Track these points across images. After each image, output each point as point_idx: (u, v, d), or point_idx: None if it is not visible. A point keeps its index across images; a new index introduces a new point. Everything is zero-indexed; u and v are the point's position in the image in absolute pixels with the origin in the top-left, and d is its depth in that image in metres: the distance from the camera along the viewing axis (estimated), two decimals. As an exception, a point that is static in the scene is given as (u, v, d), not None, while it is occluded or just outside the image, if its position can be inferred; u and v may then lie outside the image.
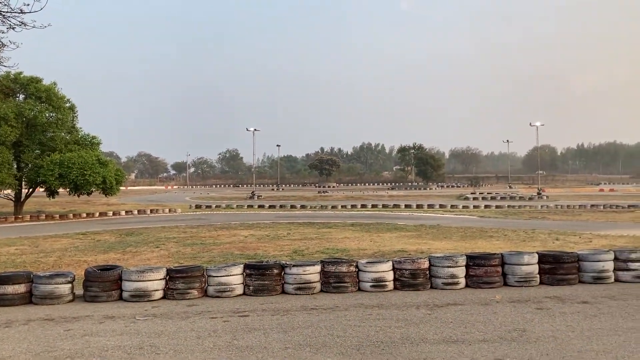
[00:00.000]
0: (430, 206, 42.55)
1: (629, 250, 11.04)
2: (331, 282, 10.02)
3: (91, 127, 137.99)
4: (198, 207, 44.41)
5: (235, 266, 10.12)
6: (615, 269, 10.70)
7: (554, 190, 74.17)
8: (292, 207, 43.61)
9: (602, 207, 39.55)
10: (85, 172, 33.05)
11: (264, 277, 9.88)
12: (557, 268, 10.43)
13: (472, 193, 64.36)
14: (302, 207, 43.53)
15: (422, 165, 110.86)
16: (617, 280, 10.64)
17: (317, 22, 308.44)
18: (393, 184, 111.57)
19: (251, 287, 9.90)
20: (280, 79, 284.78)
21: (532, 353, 6.31)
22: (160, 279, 9.79)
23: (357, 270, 10.17)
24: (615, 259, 10.73)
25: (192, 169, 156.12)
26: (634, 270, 10.65)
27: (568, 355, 6.23)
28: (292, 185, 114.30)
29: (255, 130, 70.83)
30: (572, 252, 10.96)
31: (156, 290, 9.70)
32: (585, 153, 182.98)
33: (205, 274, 10.01)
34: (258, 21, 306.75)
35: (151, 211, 38.88)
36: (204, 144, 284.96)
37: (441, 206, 42.60)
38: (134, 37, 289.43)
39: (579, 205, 41.10)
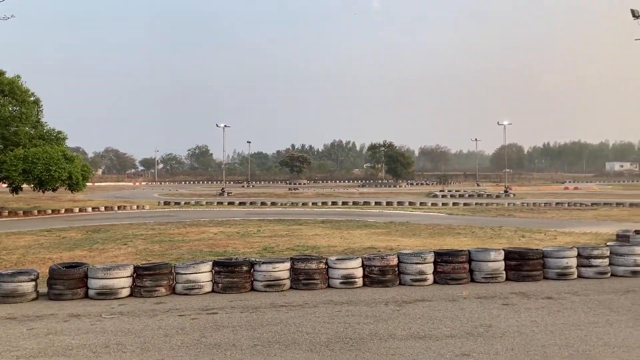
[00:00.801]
0: (400, 203, 42.88)
1: (592, 247, 11.33)
2: (301, 279, 10.02)
3: (57, 121, 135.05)
4: (167, 203, 43.83)
5: (204, 263, 10.04)
6: (578, 266, 10.97)
7: (521, 188, 75.54)
8: (263, 204, 43.40)
9: (566, 204, 40.48)
10: (50, 167, 32.25)
11: (233, 274, 9.83)
12: (522, 264, 10.65)
13: (440, 191, 65.11)
14: (273, 204, 43.38)
15: (392, 163, 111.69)
16: (580, 276, 10.91)
17: (290, 19, 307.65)
18: (363, 181, 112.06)
19: (220, 285, 9.84)
20: (251, 75, 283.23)
21: (497, 348, 6.43)
22: (127, 277, 9.65)
23: (326, 267, 10.19)
24: (579, 256, 11.00)
25: (160, 165, 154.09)
26: (596, 266, 10.95)
27: (532, 350, 6.36)
28: (262, 182, 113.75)
29: (225, 126, 70.28)
30: (537, 249, 11.20)
31: (123, 287, 9.56)
32: (551, 152, 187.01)
33: (173, 271, 9.91)
34: (231, 18, 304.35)
35: (118, 208, 38.22)
36: (173, 140, 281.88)
37: (410, 203, 42.98)
38: (100, 30, 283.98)
39: (545, 203, 41.95)
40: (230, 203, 44.85)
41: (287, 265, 10.10)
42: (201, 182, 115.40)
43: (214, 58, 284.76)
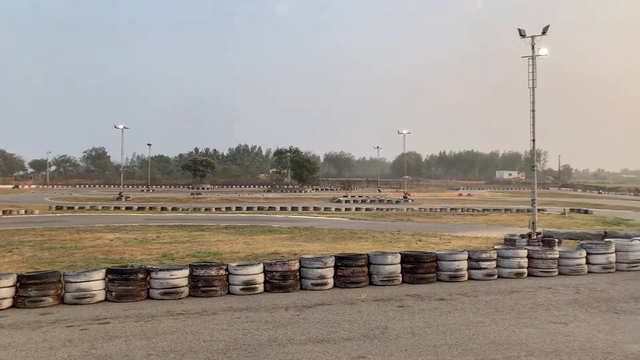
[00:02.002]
0: (305, 209, 43.26)
1: (481, 251, 12.01)
2: (200, 286, 9.80)
3: None
4: (59, 208, 41.29)
5: (97, 271, 9.55)
6: (468, 268, 11.58)
7: (419, 194, 78.76)
8: (163, 209, 42.09)
9: (460, 210, 42.67)
10: None
11: (128, 282, 9.42)
12: (417, 267, 11.07)
13: (344, 196, 66.35)
14: (174, 209, 42.20)
15: (298, 169, 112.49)
16: (470, 278, 11.52)
17: (194, 21, 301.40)
18: (269, 186, 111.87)
19: (114, 293, 9.40)
20: (153, 76, 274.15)
21: (392, 349, 6.62)
22: (9, 286, 8.97)
23: (227, 273, 10.04)
24: (469, 259, 11.61)
25: (53, 168, 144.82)
26: (484, 268, 11.61)
27: (424, 350, 6.62)
28: (163, 187, 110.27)
29: (124, 127, 67.45)
30: (431, 253, 11.69)
31: (4, 298, 8.87)
32: (446, 160, 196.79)
33: (62, 279, 9.34)
34: (130, 18, 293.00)
35: (4, 212, 35.50)
36: (67, 140, 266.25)
37: (315, 209, 43.47)
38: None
39: (440, 209, 43.98)
40: (128, 208, 43.10)
41: (186, 272, 9.84)
42: (97, 186, 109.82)
43: (112, 56, 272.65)
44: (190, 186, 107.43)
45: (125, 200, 53.90)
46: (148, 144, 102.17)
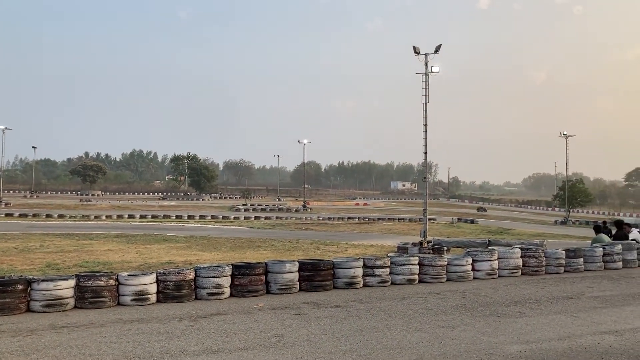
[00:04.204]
0: (202, 217, 42.45)
1: (375, 258, 12.36)
2: (87, 297, 9.26)
3: None
4: None
5: (-33, 283, 8.73)
6: (364, 275, 11.87)
7: (318, 203, 79.98)
8: (48, 216, 39.55)
9: (357, 219, 43.84)
10: None
11: (5, 294, 8.69)
12: (314, 275, 11.19)
13: (243, 204, 65.88)
14: (61, 216, 39.78)
15: (195, 176, 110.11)
16: (365, 285, 11.81)
17: (83, 17, 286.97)
18: (165, 193, 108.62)
19: (-13, 307, 8.63)
20: (39, 75, 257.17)
21: (288, 357, 6.61)
22: None
23: (117, 283, 9.57)
24: (364, 266, 11.91)
25: None
26: (378, 275, 11.95)
27: (320, 356, 6.67)
28: (49, 193, 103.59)
29: (6, 128, 62.70)
30: (328, 260, 11.86)
31: None
32: (345, 170, 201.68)
33: None
34: (18, 11, 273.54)
35: None
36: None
37: (213, 217, 42.77)
38: None
39: (338, 218, 44.94)
40: (8, 215, 40.04)
41: (72, 282, 9.25)
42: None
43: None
44: (79, 192, 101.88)
45: (5, 207, 50.11)
46: (33, 147, 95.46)
